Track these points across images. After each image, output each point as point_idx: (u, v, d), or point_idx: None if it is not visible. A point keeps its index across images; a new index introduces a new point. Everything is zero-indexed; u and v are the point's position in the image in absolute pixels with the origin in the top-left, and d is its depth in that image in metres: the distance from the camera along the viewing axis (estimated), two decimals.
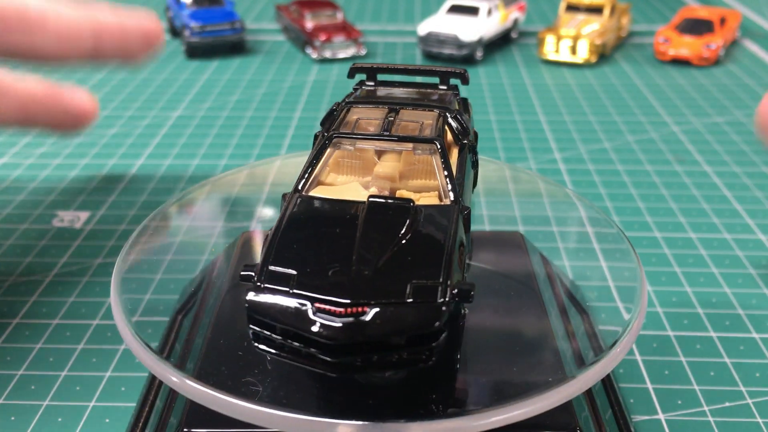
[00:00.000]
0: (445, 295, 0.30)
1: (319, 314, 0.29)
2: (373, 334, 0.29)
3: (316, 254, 0.32)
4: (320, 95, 1.01)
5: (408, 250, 0.32)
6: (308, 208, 0.35)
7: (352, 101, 0.43)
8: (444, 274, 0.30)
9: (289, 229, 0.33)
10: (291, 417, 0.30)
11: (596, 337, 0.47)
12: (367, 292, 0.30)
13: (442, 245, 0.32)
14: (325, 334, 0.29)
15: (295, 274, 0.31)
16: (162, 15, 1.36)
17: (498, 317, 0.41)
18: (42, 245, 0.63)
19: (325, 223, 0.34)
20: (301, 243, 0.33)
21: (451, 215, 0.34)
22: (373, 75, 0.48)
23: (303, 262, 0.31)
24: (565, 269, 0.57)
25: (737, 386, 0.48)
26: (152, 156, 0.81)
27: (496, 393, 0.36)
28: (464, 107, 0.46)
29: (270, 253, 0.32)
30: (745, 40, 1.25)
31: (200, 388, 0.32)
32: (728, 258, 0.62)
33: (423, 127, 0.39)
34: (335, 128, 0.39)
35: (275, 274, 0.31)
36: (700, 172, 0.78)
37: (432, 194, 0.37)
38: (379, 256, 0.31)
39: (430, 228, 0.33)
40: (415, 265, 0.31)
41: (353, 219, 0.33)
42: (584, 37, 1.11)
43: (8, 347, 0.51)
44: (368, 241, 0.32)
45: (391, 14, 1.44)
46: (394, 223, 0.33)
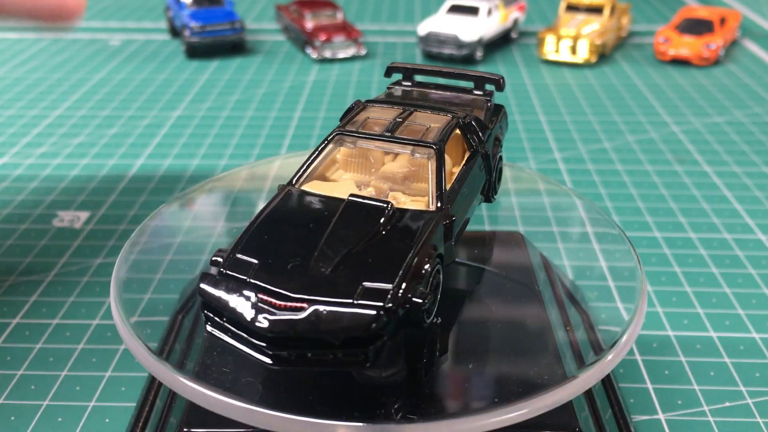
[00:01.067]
0: (393, 301, 0.29)
1: (260, 305, 0.30)
2: (305, 331, 0.29)
3: (283, 247, 0.32)
4: (320, 95, 1.01)
5: (371, 251, 0.32)
6: (291, 201, 0.36)
7: (371, 100, 0.43)
8: (398, 280, 0.30)
9: (266, 220, 0.34)
10: (291, 419, 0.30)
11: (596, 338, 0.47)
12: (313, 289, 0.30)
13: (406, 251, 0.32)
14: (259, 325, 0.29)
15: (257, 263, 0.32)
16: (162, 15, 1.36)
17: (498, 317, 0.41)
18: (42, 245, 0.63)
19: (301, 217, 0.34)
20: (273, 234, 0.33)
21: (428, 222, 0.34)
22: (410, 75, 0.48)
23: (268, 253, 0.32)
24: (565, 269, 0.57)
25: (737, 386, 0.48)
26: (152, 156, 0.81)
27: (496, 393, 0.36)
28: (494, 114, 0.45)
29: (240, 242, 0.33)
30: (745, 40, 1.25)
31: (199, 389, 0.32)
32: (728, 258, 0.62)
33: (429, 130, 0.39)
34: (342, 125, 0.40)
35: (239, 262, 0.32)
36: (700, 172, 0.78)
37: (425, 199, 0.36)
38: (341, 254, 0.31)
39: (401, 232, 0.33)
40: (373, 268, 0.31)
41: (329, 216, 0.34)
42: (584, 37, 1.11)
43: (8, 347, 0.51)
44: (335, 239, 0.32)
45: (391, 14, 1.44)
46: (366, 223, 0.33)
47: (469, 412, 0.32)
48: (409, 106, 0.41)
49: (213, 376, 0.35)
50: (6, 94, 1.00)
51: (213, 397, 0.32)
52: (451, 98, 0.46)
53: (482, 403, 0.35)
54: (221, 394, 0.32)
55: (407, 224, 0.34)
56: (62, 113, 0.93)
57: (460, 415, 0.31)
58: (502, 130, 0.47)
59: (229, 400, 0.31)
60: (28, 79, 1.05)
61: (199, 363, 0.36)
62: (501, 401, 0.32)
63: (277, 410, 0.31)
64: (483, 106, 0.44)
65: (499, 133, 0.46)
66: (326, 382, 0.35)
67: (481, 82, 0.46)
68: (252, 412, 0.31)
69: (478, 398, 0.35)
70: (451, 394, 0.35)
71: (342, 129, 0.39)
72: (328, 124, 0.90)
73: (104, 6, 1.45)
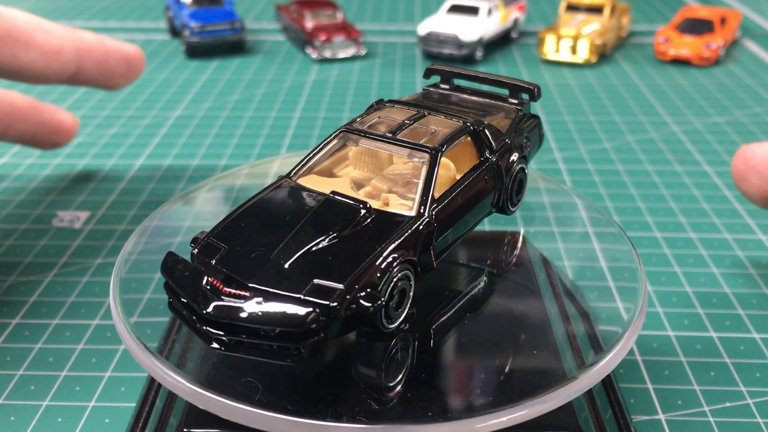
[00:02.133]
0: (338, 301, 0.30)
1: (209, 288, 0.31)
2: (243, 318, 0.30)
3: (255, 236, 0.33)
4: (320, 95, 1.01)
5: (333, 250, 0.32)
6: (279, 193, 0.37)
7: (393, 100, 0.43)
8: (350, 280, 0.30)
9: (249, 209, 0.36)
10: (291, 420, 0.30)
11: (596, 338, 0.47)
12: (265, 279, 0.31)
13: (368, 253, 0.32)
14: (202, 307, 0.31)
15: (226, 249, 0.33)
16: (162, 15, 1.36)
17: (498, 318, 0.41)
18: (42, 245, 0.63)
19: (281, 209, 0.35)
20: (251, 223, 0.34)
21: (403, 227, 0.34)
22: (447, 78, 0.48)
23: (238, 241, 0.33)
24: (565, 269, 0.57)
25: (737, 386, 0.48)
26: (152, 156, 0.81)
27: (496, 394, 0.36)
28: (522, 124, 0.44)
29: (218, 227, 0.35)
30: (746, 40, 1.25)
31: (198, 391, 0.32)
32: (728, 258, 0.62)
33: (434, 135, 0.38)
34: (349, 122, 0.40)
35: (210, 246, 0.34)
36: (701, 172, 0.78)
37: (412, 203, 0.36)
38: (304, 249, 0.32)
39: (371, 234, 0.33)
40: (329, 266, 0.31)
41: (306, 211, 0.34)
42: (584, 37, 1.11)
43: (8, 347, 0.51)
44: (303, 233, 0.33)
45: (391, 14, 1.44)
46: (337, 221, 0.34)
47: (470, 412, 0.32)
48: (426, 109, 0.41)
49: (213, 377, 0.35)
50: None
51: (212, 399, 0.32)
52: (479, 104, 0.45)
53: (482, 403, 0.35)
54: (220, 396, 0.32)
55: (380, 227, 0.33)
56: None
57: (460, 416, 0.31)
58: (530, 141, 0.45)
59: (228, 402, 0.31)
60: None
61: (198, 364, 0.36)
62: (501, 402, 0.32)
63: (277, 412, 0.31)
64: (510, 116, 0.44)
65: (526, 143, 0.44)
66: (326, 384, 0.35)
67: (515, 90, 0.46)
68: (251, 414, 0.31)
69: (478, 399, 0.35)
70: (452, 394, 0.35)
71: (347, 126, 0.39)
72: (328, 124, 0.90)
73: (104, 6, 1.45)
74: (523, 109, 0.45)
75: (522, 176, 0.44)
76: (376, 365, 0.37)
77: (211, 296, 0.31)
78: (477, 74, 0.47)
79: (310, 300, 0.30)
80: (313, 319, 0.29)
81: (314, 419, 0.31)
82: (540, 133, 0.47)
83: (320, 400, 0.34)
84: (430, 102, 0.45)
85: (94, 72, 0.65)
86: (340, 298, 0.30)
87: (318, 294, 0.30)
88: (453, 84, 0.48)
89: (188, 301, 0.32)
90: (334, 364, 0.36)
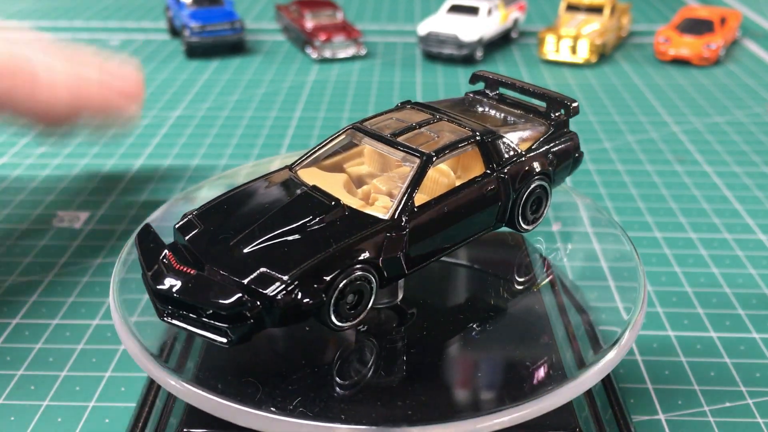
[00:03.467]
0: (276, 291, 0.30)
1: (164, 261, 0.33)
2: (180, 292, 0.31)
3: (230, 219, 0.35)
4: (320, 95, 1.01)
5: (292, 242, 0.33)
6: (270, 182, 0.38)
7: (419, 102, 0.43)
8: (296, 273, 0.31)
9: (237, 192, 0.37)
10: (291, 421, 0.30)
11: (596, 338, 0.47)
12: (218, 261, 0.32)
13: (324, 249, 0.32)
14: (151, 279, 0.32)
15: (201, 228, 0.35)
16: (162, 15, 1.36)
17: (498, 318, 0.41)
18: (42, 245, 0.63)
19: (263, 197, 0.36)
20: (232, 206, 0.36)
21: (369, 229, 0.33)
22: (491, 85, 0.46)
23: (214, 222, 0.35)
24: (565, 269, 0.57)
25: (737, 386, 0.48)
26: (152, 156, 0.81)
27: (496, 394, 0.36)
28: (552, 141, 0.42)
29: (203, 206, 0.37)
30: (746, 40, 1.25)
31: (197, 392, 0.32)
32: (728, 258, 0.62)
33: (436, 141, 0.38)
34: (360, 120, 0.40)
35: (190, 223, 0.35)
36: (701, 172, 0.78)
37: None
38: (265, 238, 0.33)
39: (334, 231, 0.33)
40: (281, 257, 0.32)
41: (282, 201, 0.35)
42: (584, 37, 1.11)
43: (8, 347, 0.51)
44: (270, 223, 0.34)
45: (391, 14, 1.44)
46: (306, 215, 0.34)
47: (470, 412, 0.32)
48: (448, 115, 0.41)
49: (212, 378, 0.35)
50: None
51: (211, 400, 0.32)
52: (508, 115, 0.43)
53: (483, 403, 0.35)
54: (220, 397, 0.32)
55: (347, 226, 0.34)
56: None
57: (461, 416, 0.31)
58: (558, 158, 0.42)
59: (227, 403, 0.31)
60: None
61: (198, 364, 0.36)
62: (501, 402, 0.32)
63: (277, 413, 0.31)
64: (539, 130, 0.42)
65: (551, 160, 0.42)
66: (326, 385, 0.35)
67: (551, 104, 0.43)
68: (250, 415, 0.31)
69: (478, 399, 0.35)
70: (452, 395, 0.35)
71: (357, 123, 0.40)
72: (328, 124, 0.90)
73: (104, 6, 1.45)
74: (557, 125, 0.42)
75: (541, 194, 0.41)
76: (375, 366, 0.37)
77: (164, 271, 0.32)
78: (517, 83, 0.45)
79: (251, 287, 0.31)
80: (238, 303, 0.30)
81: (314, 420, 0.31)
82: (574, 152, 0.44)
83: (320, 402, 0.34)
84: (459, 108, 0.44)
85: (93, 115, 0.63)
86: (279, 289, 0.30)
87: (259, 282, 0.31)
88: (497, 92, 0.46)
89: (145, 273, 0.33)
90: (334, 366, 0.36)
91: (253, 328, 0.31)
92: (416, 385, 0.35)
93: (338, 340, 0.39)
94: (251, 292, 0.31)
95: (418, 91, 1.02)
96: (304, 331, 0.39)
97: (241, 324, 0.30)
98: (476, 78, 0.47)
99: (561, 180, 0.44)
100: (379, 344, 0.38)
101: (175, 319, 0.32)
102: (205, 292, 0.31)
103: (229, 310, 0.30)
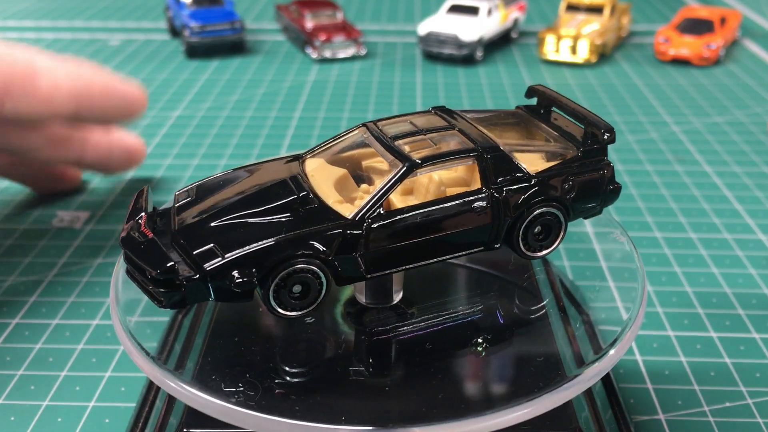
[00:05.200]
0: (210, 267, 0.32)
1: (138, 223, 0.35)
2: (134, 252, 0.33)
3: (216, 195, 0.37)
4: (320, 95, 1.01)
5: (251, 225, 0.34)
6: (269, 165, 0.39)
7: (450, 110, 0.42)
8: (236, 255, 0.32)
9: (236, 171, 0.39)
10: (291, 423, 0.30)
11: (596, 338, 0.47)
12: (185, 231, 0.34)
13: (272, 236, 0.33)
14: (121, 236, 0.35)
15: (192, 199, 0.37)
16: (162, 15, 1.36)
17: (497, 318, 0.41)
18: (42, 245, 0.63)
19: (254, 179, 0.38)
20: (225, 184, 0.38)
21: (324, 224, 0.34)
22: (544, 101, 0.43)
23: (204, 195, 0.37)
24: (565, 269, 0.57)
25: (737, 386, 0.48)
26: (152, 156, 0.81)
27: (496, 394, 0.36)
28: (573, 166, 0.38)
29: (204, 180, 0.39)
30: (746, 40, 1.25)
31: (197, 394, 0.32)
32: (728, 258, 0.62)
33: (434, 149, 0.37)
34: (377, 119, 0.40)
35: (186, 191, 0.38)
36: (701, 172, 0.78)
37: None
38: (230, 216, 0.35)
39: (292, 221, 0.34)
40: (235, 237, 0.33)
41: (262, 185, 0.37)
42: (584, 37, 1.11)
43: (8, 347, 0.51)
44: (243, 203, 0.36)
45: (391, 14, 1.44)
46: (275, 201, 0.35)
47: (470, 412, 0.31)
48: (464, 124, 0.39)
49: (212, 378, 0.35)
50: None
51: (211, 402, 0.32)
52: (537, 134, 0.41)
53: (482, 404, 0.35)
54: (219, 399, 0.32)
55: (308, 218, 0.34)
56: None
57: (460, 417, 0.31)
58: (579, 187, 0.38)
59: (227, 405, 0.31)
60: None
61: (198, 365, 0.36)
62: (501, 402, 0.32)
63: (276, 414, 0.31)
64: (564, 154, 0.39)
65: (568, 187, 0.38)
66: (326, 385, 0.35)
67: (589, 128, 0.39)
68: (250, 416, 0.31)
69: (477, 399, 0.35)
70: (452, 395, 0.35)
71: (370, 122, 0.40)
72: (328, 124, 0.90)
73: (104, 6, 1.45)
74: (586, 152, 0.39)
75: (551, 222, 0.38)
76: (375, 366, 0.37)
77: (132, 229, 0.35)
78: (565, 103, 0.42)
79: (195, 258, 0.32)
80: (168, 271, 0.32)
81: (313, 422, 0.31)
82: (606, 183, 0.39)
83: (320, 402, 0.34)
84: (492, 120, 0.42)
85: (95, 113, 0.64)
86: (216, 266, 0.32)
87: (203, 256, 0.32)
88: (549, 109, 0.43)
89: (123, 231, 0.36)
90: (334, 366, 0.36)
91: (186, 298, 0.32)
92: (416, 385, 0.35)
93: (338, 340, 0.39)
94: (196, 264, 0.32)
95: (418, 91, 1.02)
96: (304, 332, 0.39)
97: (174, 291, 0.32)
98: (531, 92, 0.44)
99: (587, 211, 0.40)
100: (379, 344, 0.38)
101: (131, 276, 0.34)
102: (147, 255, 0.33)
103: (159, 275, 0.32)
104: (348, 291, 0.41)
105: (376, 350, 0.38)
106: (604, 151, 0.39)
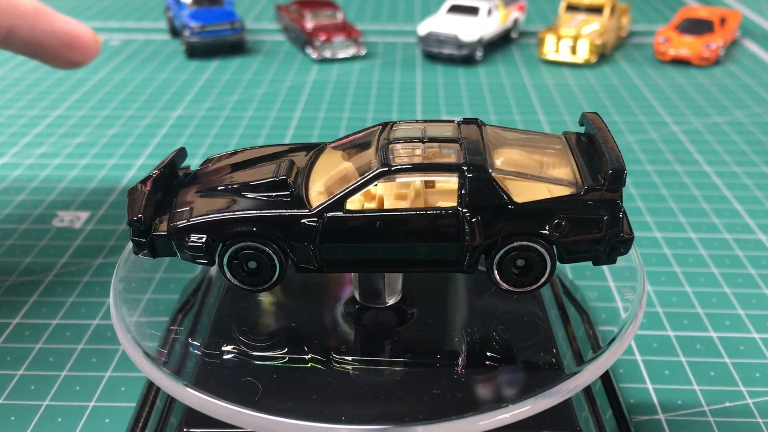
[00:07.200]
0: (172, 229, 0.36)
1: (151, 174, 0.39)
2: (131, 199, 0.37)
3: (233, 165, 0.40)
4: (320, 95, 1.01)
5: (230, 197, 0.37)
6: (286, 151, 0.41)
7: (486, 123, 0.40)
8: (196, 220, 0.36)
9: (258, 148, 0.42)
10: (291, 423, 0.30)
11: (596, 338, 0.47)
12: (183, 191, 0.38)
13: (236, 212, 0.36)
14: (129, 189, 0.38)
15: (214, 167, 0.40)
16: (162, 15, 1.36)
17: (497, 318, 0.41)
18: (42, 245, 0.63)
19: (264, 158, 0.40)
20: (247, 156, 0.41)
21: (287, 210, 0.35)
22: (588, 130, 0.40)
23: (225, 164, 0.40)
24: (565, 269, 0.57)
25: (737, 386, 0.48)
26: (152, 156, 0.81)
27: (496, 393, 0.36)
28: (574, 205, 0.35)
29: (234, 150, 0.42)
30: (745, 40, 1.25)
31: (197, 395, 0.32)
32: (728, 258, 0.62)
33: (420, 158, 0.36)
34: (398, 120, 0.41)
35: (212, 159, 0.42)
36: (700, 172, 0.78)
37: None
38: (223, 185, 0.38)
39: (262, 201, 0.36)
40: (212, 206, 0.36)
41: (263, 163, 0.39)
42: (584, 37, 1.11)
43: (8, 347, 0.51)
44: (235, 176, 0.39)
45: (391, 14, 1.44)
46: (259, 178, 0.37)
47: (471, 411, 0.32)
48: (475, 140, 0.37)
49: (212, 379, 0.35)
50: (6, 94, 1.00)
51: (210, 402, 0.32)
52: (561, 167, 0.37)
53: (482, 403, 0.35)
54: (219, 400, 0.32)
55: (277, 201, 0.36)
56: (62, 113, 0.93)
57: (460, 416, 0.31)
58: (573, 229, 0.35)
59: (227, 405, 0.31)
60: (28, 80, 1.05)
61: (198, 365, 0.36)
62: (501, 401, 0.32)
63: (276, 414, 0.31)
64: (570, 192, 0.36)
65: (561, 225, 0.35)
66: (326, 385, 0.35)
67: (604, 165, 0.36)
68: (250, 417, 0.31)
69: (477, 398, 0.35)
70: (452, 394, 0.35)
71: (388, 122, 0.40)
72: (328, 124, 0.90)
73: (104, 6, 1.45)
74: (587, 190, 0.35)
75: (532, 258, 0.35)
76: (375, 366, 0.37)
77: (140, 182, 0.38)
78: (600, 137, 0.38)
79: (170, 216, 0.37)
80: (134, 221, 0.36)
81: (313, 422, 0.31)
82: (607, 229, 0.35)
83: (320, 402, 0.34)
84: (518, 141, 0.40)
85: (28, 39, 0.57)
86: (178, 226, 0.36)
87: (175, 217, 0.36)
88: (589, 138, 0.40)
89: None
90: (334, 366, 0.36)
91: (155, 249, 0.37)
92: (416, 385, 0.35)
93: (338, 340, 0.39)
94: (169, 221, 0.36)
95: (418, 91, 1.02)
96: (304, 332, 0.39)
97: (142, 240, 0.36)
98: (582, 118, 0.41)
99: (585, 254, 0.36)
100: (379, 344, 0.38)
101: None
102: (131, 205, 0.37)
103: (129, 223, 0.36)
104: (348, 291, 0.41)
105: (376, 350, 0.38)
106: (616, 194, 0.36)
